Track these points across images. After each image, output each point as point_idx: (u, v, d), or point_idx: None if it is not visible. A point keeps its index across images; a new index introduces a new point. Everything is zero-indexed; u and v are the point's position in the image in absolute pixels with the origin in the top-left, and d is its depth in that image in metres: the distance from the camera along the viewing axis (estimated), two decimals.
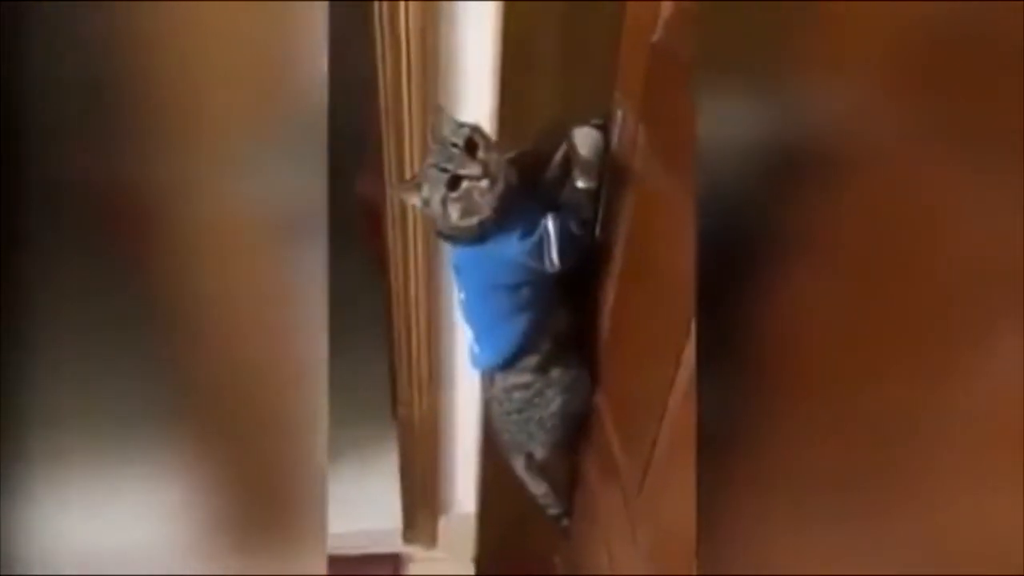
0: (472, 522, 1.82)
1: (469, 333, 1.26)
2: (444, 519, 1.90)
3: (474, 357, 1.28)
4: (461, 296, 1.22)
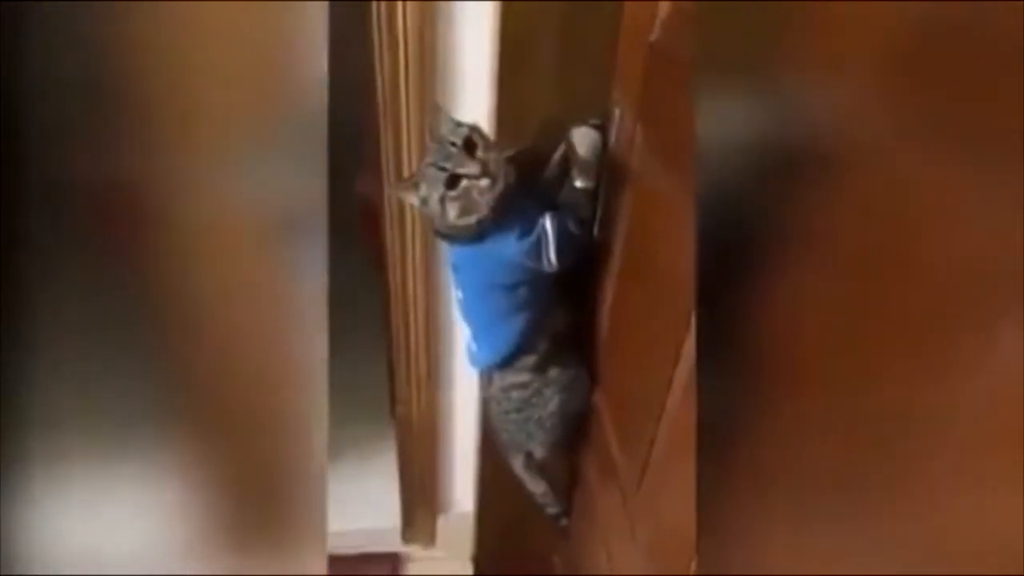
0: (471, 521, 1.82)
1: (467, 332, 1.26)
2: (443, 518, 1.90)
3: (472, 356, 1.28)
4: (459, 295, 1.21)
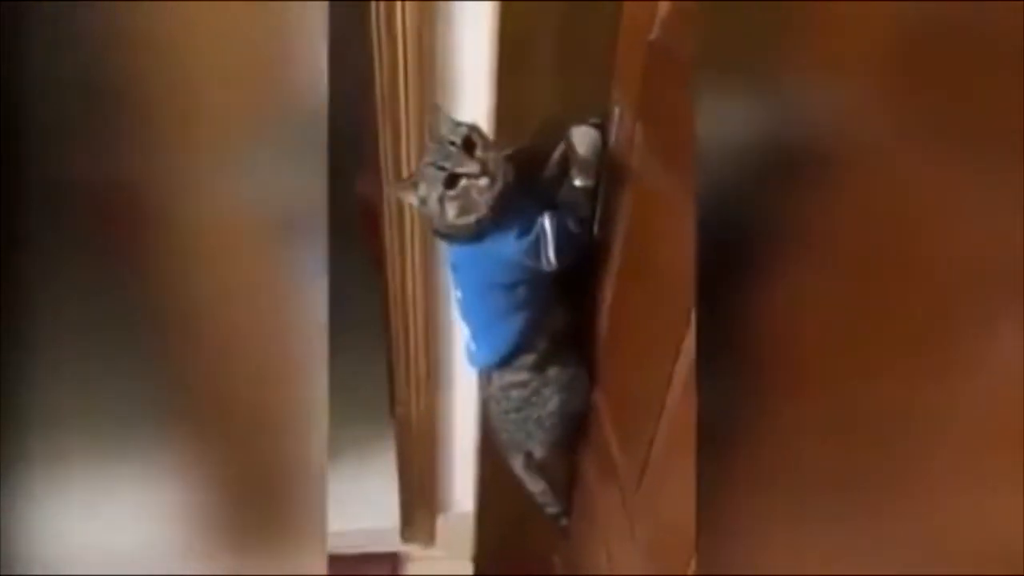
0: (470, 521, 1.82)
1: (466, 332, 1.26)
2: (442, 518, 1.90)
3: (471, 356, 1.28)
4: (458, 295, 1.21)
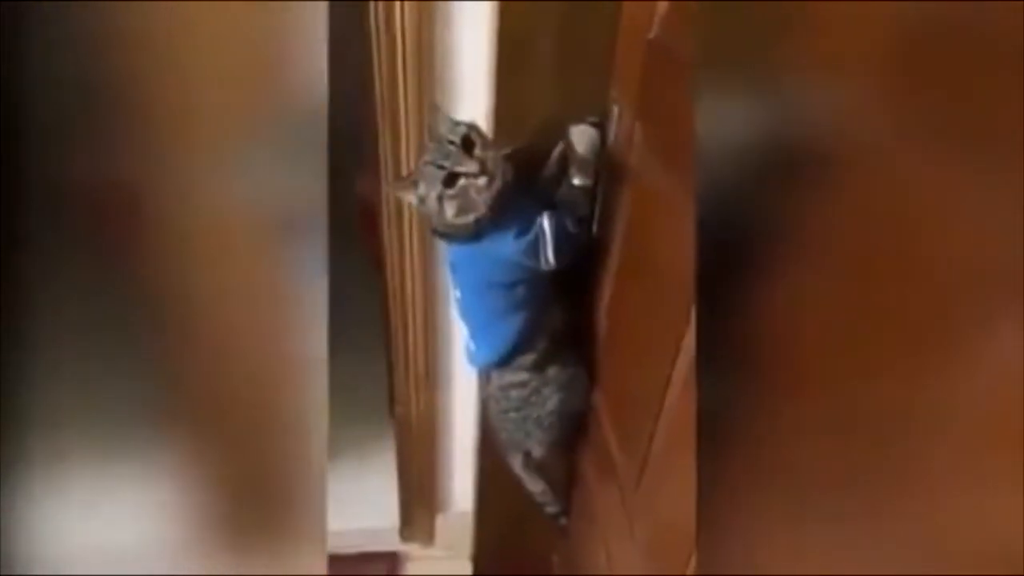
0: (470, 520, 1.82)
1: (465, 331, 1.26)
2: (441, 517, 1.90)
3: (470, 355, 1.28)
4: (457, 294, 1.21)
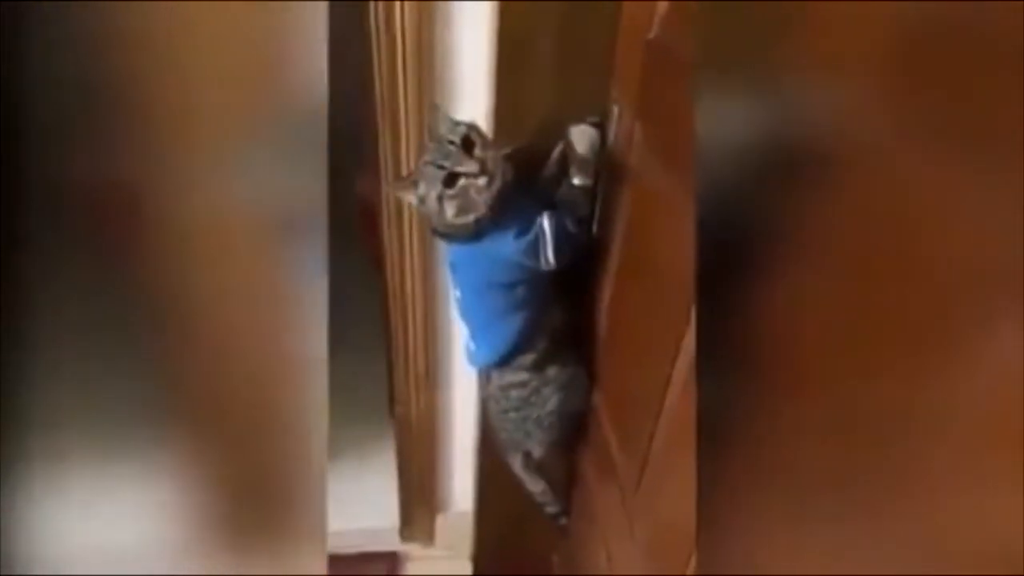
0: (470, 520, 1.82)
1: (465, 331, 1.26)
2: (441, 517, 1.90)
3: (470, 355, 1.28)
4: (457, 294, 1.21)
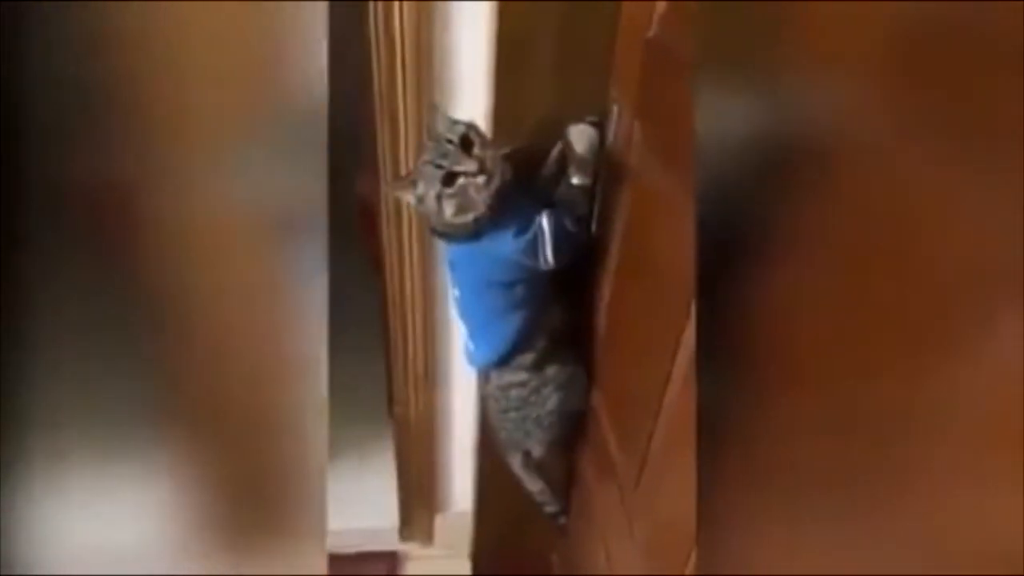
0: (469, 520, 1.82)
1: (464, 331, 1.26)
2: (441, 517, 1.90)
3: (469, 355, 1.28)
4: (456, 293, 1.21)
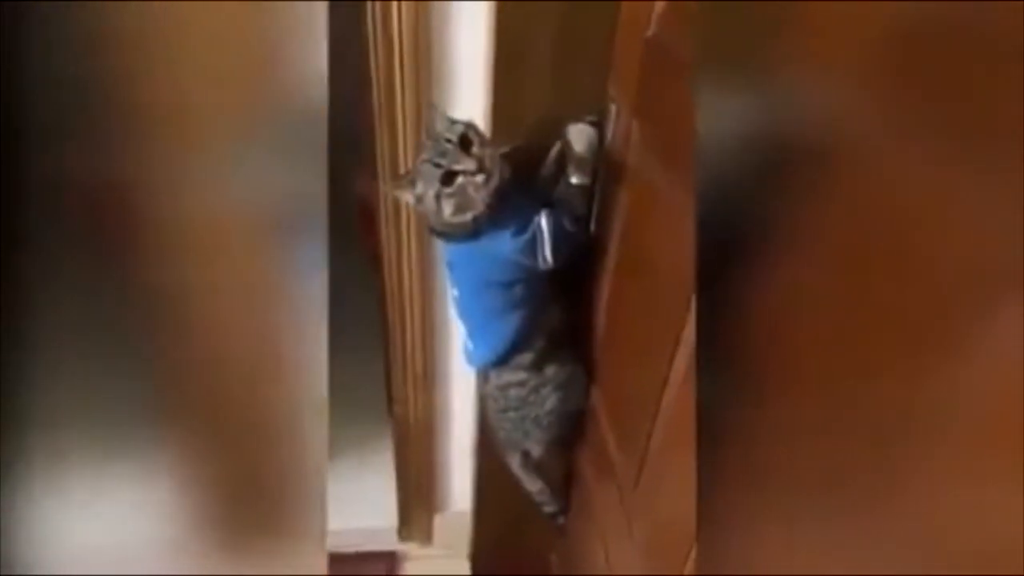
0: (468, 520, 1.82)
1: (463, 330, 1.26)
2: (440, 517, 1.90)
3: (468, 354, 1.28)
4: (455, 293, 1.21)
